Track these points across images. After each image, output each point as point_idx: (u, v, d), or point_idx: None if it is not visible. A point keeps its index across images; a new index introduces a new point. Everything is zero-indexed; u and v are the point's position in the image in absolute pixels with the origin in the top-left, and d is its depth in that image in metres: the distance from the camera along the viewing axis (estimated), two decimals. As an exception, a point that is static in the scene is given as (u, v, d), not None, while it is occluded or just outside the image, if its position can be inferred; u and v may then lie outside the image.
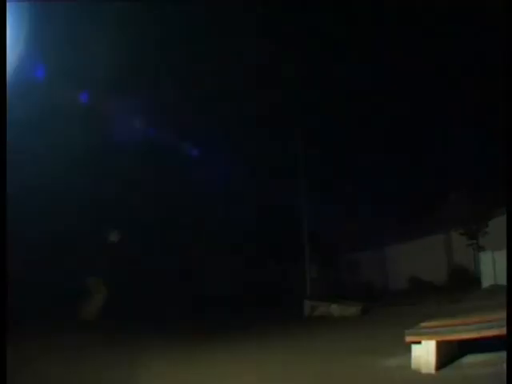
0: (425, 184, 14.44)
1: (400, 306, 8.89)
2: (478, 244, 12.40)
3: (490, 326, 3.09)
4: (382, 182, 15.35)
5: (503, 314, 3.14)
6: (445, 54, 12.61)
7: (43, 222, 10.76)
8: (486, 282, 9.09)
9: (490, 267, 9.19)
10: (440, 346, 3.19)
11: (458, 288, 9.81)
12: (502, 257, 9.10)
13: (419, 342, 3.27)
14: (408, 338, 3.34)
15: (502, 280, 8.52)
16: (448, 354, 3.29)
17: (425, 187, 14.38)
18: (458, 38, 11.96)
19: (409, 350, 3.36)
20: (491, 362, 3.15)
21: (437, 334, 3.26)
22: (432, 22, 11.79)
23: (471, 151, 13.31)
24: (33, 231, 10.36)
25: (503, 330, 2.94)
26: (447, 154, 14.02)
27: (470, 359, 3.33)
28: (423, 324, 3.65)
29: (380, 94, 13.41)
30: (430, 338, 3.20)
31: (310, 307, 10.22)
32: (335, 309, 9.39)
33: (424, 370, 3.16)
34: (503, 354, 2.97)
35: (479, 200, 12.56)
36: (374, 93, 13.43)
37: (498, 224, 12.94)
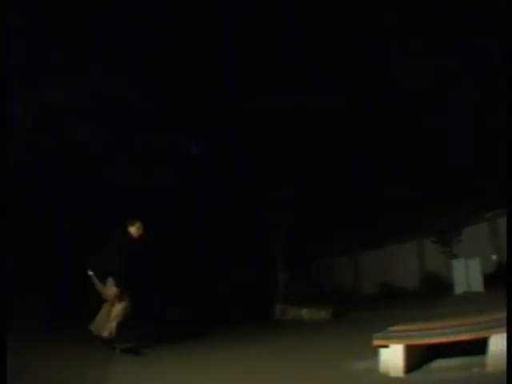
0: (400, 190, 14.19)
1: (371, 311, 8.89)
2: (451, 252, 12.49)
3: (459, 331, 3.14)
4: (357, 186, 15.01)
5: (474, 320, 3.27)
6: (444, 53, 12.55)
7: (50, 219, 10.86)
8: (460, 288, 9.18)
9: (463, 274, 9.27)
10: (408, 350, 3.22)
11: (432, 295, 9.84)
12: (474, 264, 9.19)
13: (388, 346, 3.30)
14: (376, 342, 3.38)
15: (475, 287, 8.59)
16: (417, 358, 3.33)
17: (400, 193, 14.13)
18: (457, 37, 11.91)
19: (378, 354, 3.39)
20: (461, 366, 3.18)
21: (405, 337, 3.31)
22: (431, 21, 11.73)
23: (449, 155, 13.20)
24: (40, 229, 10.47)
25: (472, 335, 3.01)
26: (423, 158, 13.78)
27: (439, 363, 3.35)
28: (392, 328, 3.68)
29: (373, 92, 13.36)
30: (398, 342, 3.25)
31: (280, 310, 10.22)
32: (306, 312, 9.41)
33: (392, 374, 3.21)
34: (474, 359, 3.04)
35: (453, 208, 12.58)
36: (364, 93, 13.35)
37: (471, 232, 13.09)
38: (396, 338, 3.32)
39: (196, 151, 15.82)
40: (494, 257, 12.58)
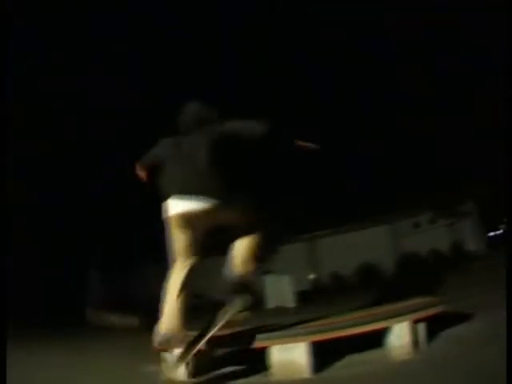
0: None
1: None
2: (264, 268, 12.80)
3: (239, 340, 3.25)
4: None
5: (256, 330, 3.42)
6: (444, 53, 12.60)
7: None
8: (271, 303, 9.47)
9: (275, 290, 9.64)
10: (194, 356, 3.18)
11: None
12: (285, 281, 9.71)
13: (168, 350, 3.27)
14: (156, 346, 3.32)
15: (286, 302, 9.11)
16: (203, 364, 3.32)
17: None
18: (458, 36, 11.95)
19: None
20: (247, 373, 3.21)
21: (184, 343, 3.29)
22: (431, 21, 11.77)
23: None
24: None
25: (261, 343, 3.07)
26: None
27: (226, 370, 3.36)
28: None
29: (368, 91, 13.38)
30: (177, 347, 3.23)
31: (92, 315, 10.24)
32: (116, 318, 9.50)
33: (178, 378, 3.22)
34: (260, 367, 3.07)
35: (271, 225, 12.76)
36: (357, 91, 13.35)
37: (284, 250, 13.49)
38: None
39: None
40: (311, 276, 12.94)
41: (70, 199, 11.76)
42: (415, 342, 2.89)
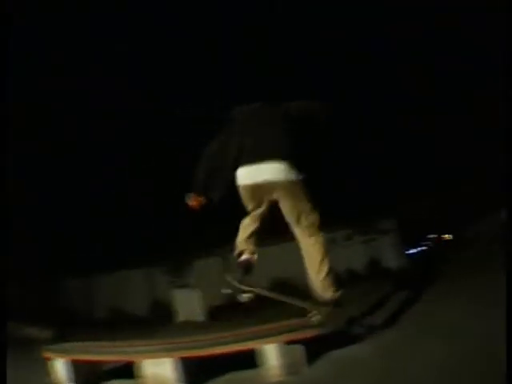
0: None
1: (92, 334, 8.98)
2: (179, 282, 12.75)
3: (112, 352, 3.35)
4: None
5: (168, 340, 3.50)
6: (444, 53, 12.62)
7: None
8: (182, 317, 9.62)
9: (184, 304, 9.75)
10: (75, 364, 3.32)
11: (158, 321, 10.16)
12: (195, 295, 9.74)
13: (55, 359, 3.39)
14: (44, 354, 3.51)
15: (196, 316, 9.17)
16: (90, 374, 3.42)
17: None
18: (458, 36, 11.98)
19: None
20: None
21: (67, 352, 3.44)
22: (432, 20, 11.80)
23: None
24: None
25: (122, 357, 3.17)
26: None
27: (116, 382, 3.39)
28: (67, 343, 3.83)
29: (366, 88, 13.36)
30: (61, 356, 3.38)
31: (11, 328, 10.32)
32: (34, 332, 9.64)
33: None
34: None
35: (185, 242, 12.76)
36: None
37: (199, 264, 13.37)
38: (59, 352, 3.47)
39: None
40: (225, 290, 12.94)
41: (69, 199, 11.78)
42: (291, 364, 2.81)
